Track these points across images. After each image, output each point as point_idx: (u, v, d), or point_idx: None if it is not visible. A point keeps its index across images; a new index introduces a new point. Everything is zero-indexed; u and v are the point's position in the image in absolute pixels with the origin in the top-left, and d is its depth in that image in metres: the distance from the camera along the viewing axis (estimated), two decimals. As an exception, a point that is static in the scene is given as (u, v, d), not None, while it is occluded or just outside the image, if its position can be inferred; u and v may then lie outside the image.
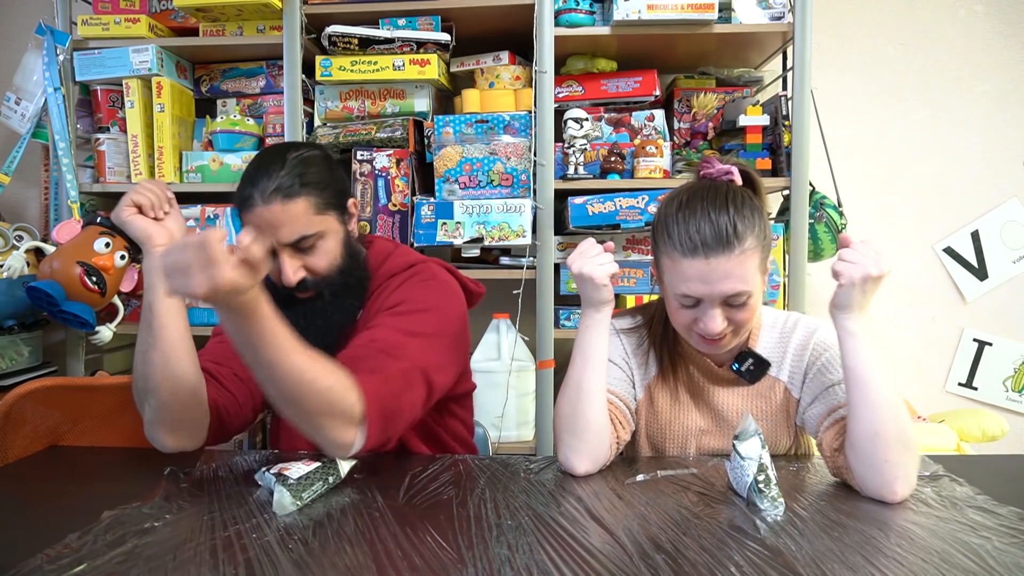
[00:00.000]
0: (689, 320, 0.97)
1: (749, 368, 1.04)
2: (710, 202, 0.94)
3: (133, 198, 0.98)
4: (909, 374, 2.08)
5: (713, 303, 0.93)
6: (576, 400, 0.98)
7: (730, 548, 0.73)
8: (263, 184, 0.99)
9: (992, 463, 1.08)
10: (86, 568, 0.69)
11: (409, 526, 0.79)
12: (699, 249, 0.91)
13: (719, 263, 0.91)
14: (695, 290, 0.93)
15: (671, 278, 0.96)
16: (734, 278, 0.91)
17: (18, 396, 1.08)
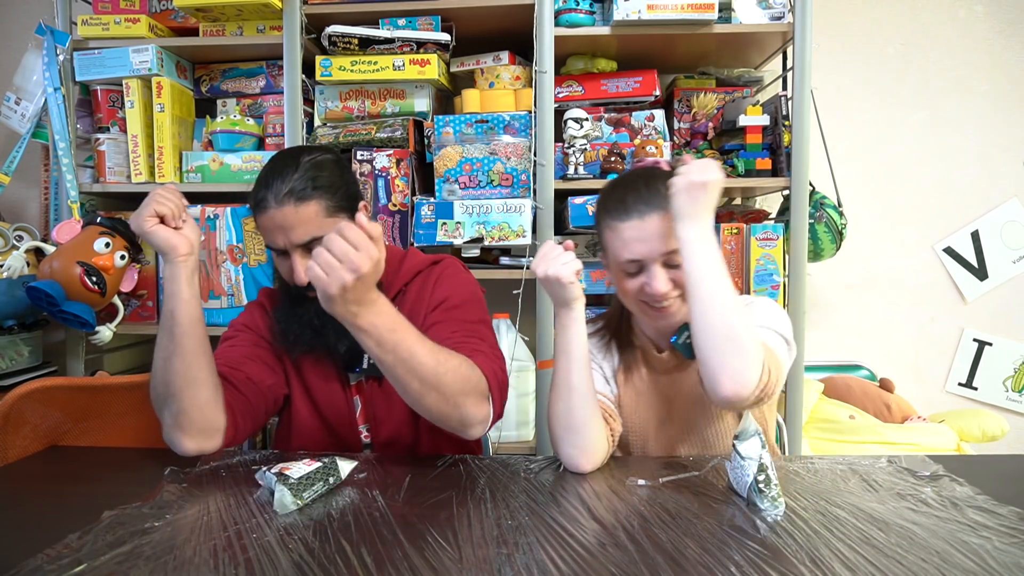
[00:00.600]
0: (636, 288, 1.03)
1: (686, 340, 1.04)
2: (640, 177, 1.04)
3: (156, 208, 0.99)
4: (909, 374, 2.08)
5: (654, 260, 1.00)
6: (568, 399, 1.01)
7: (730, 548, 0.73)
8: (276, 187, 1.02)
9: (992, 463, 1.08)
10: (86, 568, 0.69)
11: (409, 526, 0.79)
12: (632, 211, 1.00)
13: (653, 221, 0.99)
14: (635, 251, 1.00)
15: (612, 247, 1.03)
16: (669, 236, 0.98)
17: (18, 396, 1.08)
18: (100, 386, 1.24)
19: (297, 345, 1.12)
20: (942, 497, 0.88)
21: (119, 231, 1.72)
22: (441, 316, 1.10)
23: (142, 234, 0.99)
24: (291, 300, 1.11)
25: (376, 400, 1.15)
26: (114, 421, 1.26)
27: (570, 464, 1.00)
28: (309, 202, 1.02)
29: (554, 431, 1.02)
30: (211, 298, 1.80)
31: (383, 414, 1.14)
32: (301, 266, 1.03)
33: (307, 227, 1.02)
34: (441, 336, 1.02)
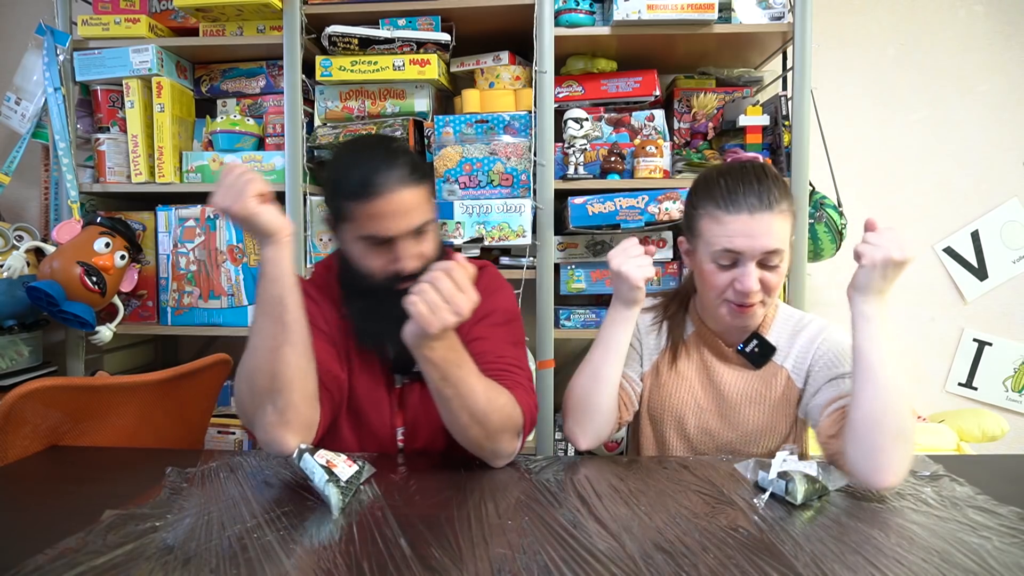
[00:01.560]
0: (725, 283, 1.02)
1: (754, 350, 1.08)
2: (750, 171, 1.02)
3: (259, 187, 0.91)
4: (909, 374, 2.08)
5: (753, 258, 0.99)
6: (591, 385, 1.06)
7: (730, 548, 0.73)
8: (387, 171, 0.97)
9: (992, 463, 1.08)
10: (86, 568, 0.69)
11: (410, 526, 0.79)
12: (743, 205, 0.98)
13: (763, 218, 0.98)
14: (738, 244, 0.98)
15: (712, 236, 1.01)
16: (774, 235, 0.98)
17: (18, 396, 1.08)
18: (100, 386, 1.24)
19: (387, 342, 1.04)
20: (942, 497, 0.88)
21: (119, 231, 1.72)
22: (487, 332, 1.09)
23: (247, 216, 0.90)
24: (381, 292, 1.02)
25: (418, 403, 1.12)
26: (114, 421, 1.26)
27: (569, 436, 1.08)
28: (422, 185, 1.01)
29: (568, 404, 1.08)
30: (211, 298, 1.80)
31: (423, 418, 1.11)
32: (410, 254, 1.00)
33: (421, 210, 1.00)
34: (486, 357, 1.02)
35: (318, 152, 1.79)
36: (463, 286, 0.87)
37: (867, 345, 0.91)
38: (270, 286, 0.92)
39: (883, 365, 0.90)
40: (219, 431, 1.83)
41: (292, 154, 1.74)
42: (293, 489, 0.91)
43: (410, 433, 1.13)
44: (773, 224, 0.98)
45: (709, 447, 1.12)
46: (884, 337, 0.91)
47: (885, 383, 0.89)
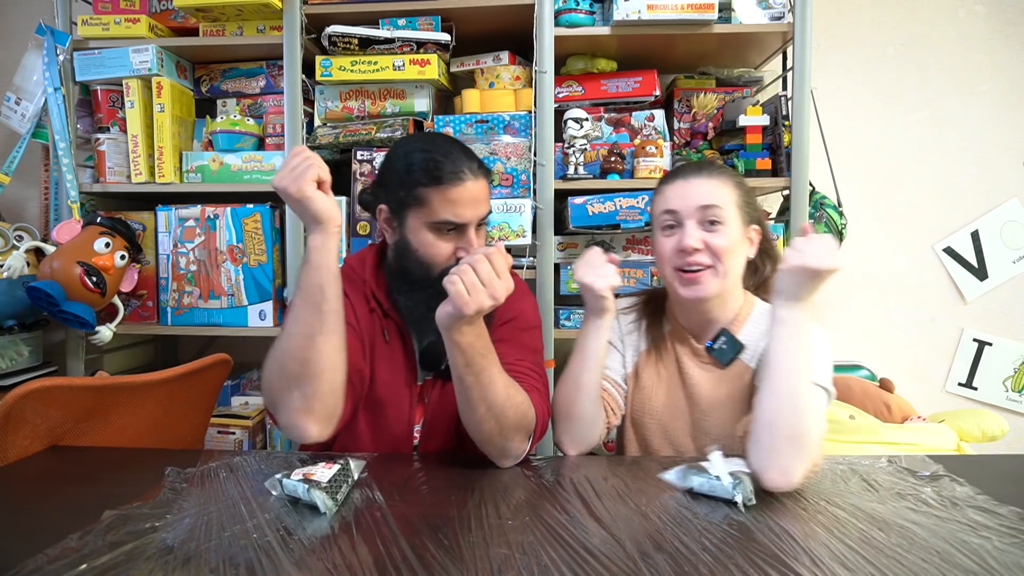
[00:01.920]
0: (670, 249, 1.06)
1: (721, 346, 1.09)
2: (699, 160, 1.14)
3: (319, 172, 0.92)
4: (909, 374, 2.08)
5: (690, 215, 1.04)
6: (573, 394, 1.08)
7: (730, 548, 0.73)
8: (467, 161, 1.04)
9: (992, 463, 1.08)
10: (86, 568, 0.69)
11: (409, 526, 0.79)
12: (679, 173, 1.09)
13: (697, 181, 1.06)
14: (673, 202, 1.06)
15: (656, 207, 1.10)
16: (709, 194, 1.04)
17: (18, 396, 1.08)
18: (100, 386, 1.24)
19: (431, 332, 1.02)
20: (942, 497, 0.88)
21: (119, 231, 1.72)
22: (510, 335, 1.12)
23: (302, 199, 0.90)
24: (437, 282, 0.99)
25: (437, 402, 1.13)
26: (114, 421, 1.26)
27: (558, 443, 1.11)
28: (488, 179, 1.09)
29: (554, 413, 1.11)
30: (211, 298, 1.80)
31: (441, 417, 1.12)
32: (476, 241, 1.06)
33: (488, 202, 1.08)
34: (507, 358, 1.03)
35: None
36: (501, 272, 0.90)
37: (775, 347, 0.92)
38: (313, 274, 0.92)
39: (784, 369, 0.90)
40: (219, 431, 1.83)
41: (292, 154, 1.74)
42: (293, 489, 0.91)
43: (427, 431, 1.13)
44: (708, 186, 1.04)
45: (690, 449, 1.12)
46: (794, 342, 0.91)
47: (783, 386, 0.90)
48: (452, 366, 0.94)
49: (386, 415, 1.11)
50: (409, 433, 1.12)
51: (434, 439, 1.13)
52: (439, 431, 1.13)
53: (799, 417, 0.88)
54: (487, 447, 1.00)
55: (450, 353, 0.93)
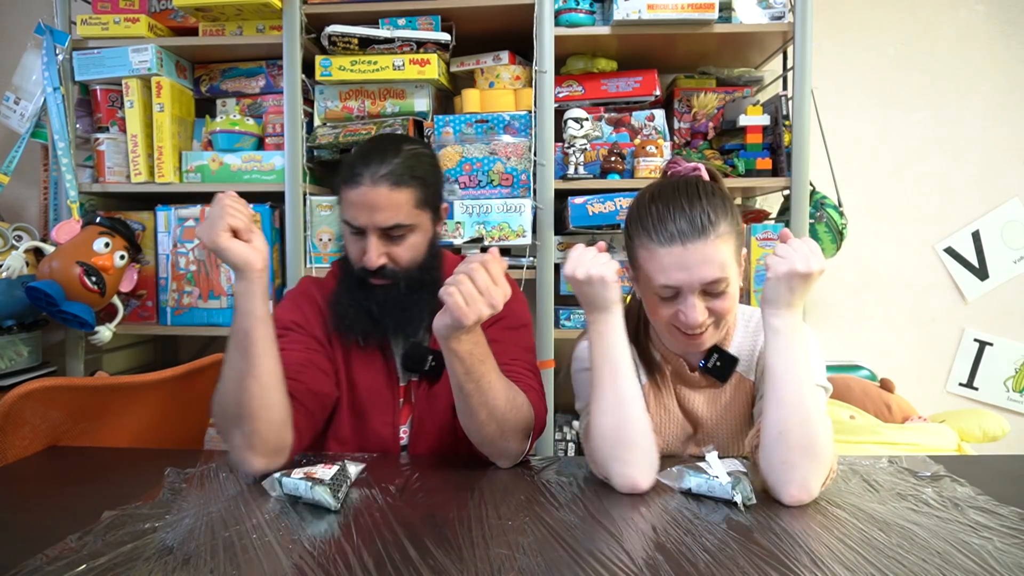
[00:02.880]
0: (669, 315, 0.96)
1: (715, 364, 1.03)
2: (682, 193, 0.95)
3: (229, 222, 0.92)
4: (909, 374, 2.08)
5: (693, 291, 0.93)
6: (619, 412, 0.92)
7: (731, 548, 0.73)
8: (375, 167, 1.02)
9: (993, 463, 1.07)
10: (86, 568, 0.68)
11: (409, 526, 0.79)
12: (676, 237, 0.92)
13: (696, 249, 0.91)
14: (674, 279, 0.93)
15: (649, 270, 0.95)
16: (712, 264, 0.92)
17: (18, 396, 1.08)
18: (100, 386, 1.24)
19: (352, 331, 1.10)
20: (943, 497, 0.88)
21: (119, 231, 1.72)
22: (502, 335, 1.10)
23: (216, 250, 0.91)
24: (354, 282, 1.09)
25: (424, 402, 1.13)
26: (114, 421, 1.26)
27: (626, 484, 0.91)
28: (403, 189, 1.03)
29: (601, 451, 0.93)
30: (211, 298, 1.80)
31: (428, 417, 1.13)
32: (375, 250, 1.04)
33: (394, 212, 1.03)
34: (502, 358, 1.02)
35: (318, 152, 1.79)
36: (498, 279, 0.88)
37: (774, 359, 0.90)
38: (240, 319, 0.93)
39: (787, 379, 0.88)
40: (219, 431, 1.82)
41: (292, 154, 1.74)
42: (293, 489, 0.91)
43: (416, 432, 1.13)
44: (710, 252, 0.91)
45: None
46: (791, 350, 0.89)
47: (789, 397, 0.87)
48: (451, 374, 0.94)
49: (370, 419, 1.12)
50: (395, 435, 1.12)
51: (424, 440, 1.13)
52: (428, 431, 1.13)
53: (808, 426, 0.86)
54: (487, 449, 1.00)
55: (449, 362, 0.93)
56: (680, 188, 0.97)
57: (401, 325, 1.09)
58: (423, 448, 1.13)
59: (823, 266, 0.89)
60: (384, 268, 1.05)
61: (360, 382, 1.12)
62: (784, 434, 0.86)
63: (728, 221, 0.94)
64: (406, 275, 1.07)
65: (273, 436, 0.94)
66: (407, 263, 1.07)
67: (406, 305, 1.08)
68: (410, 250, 1.07)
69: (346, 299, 1.09)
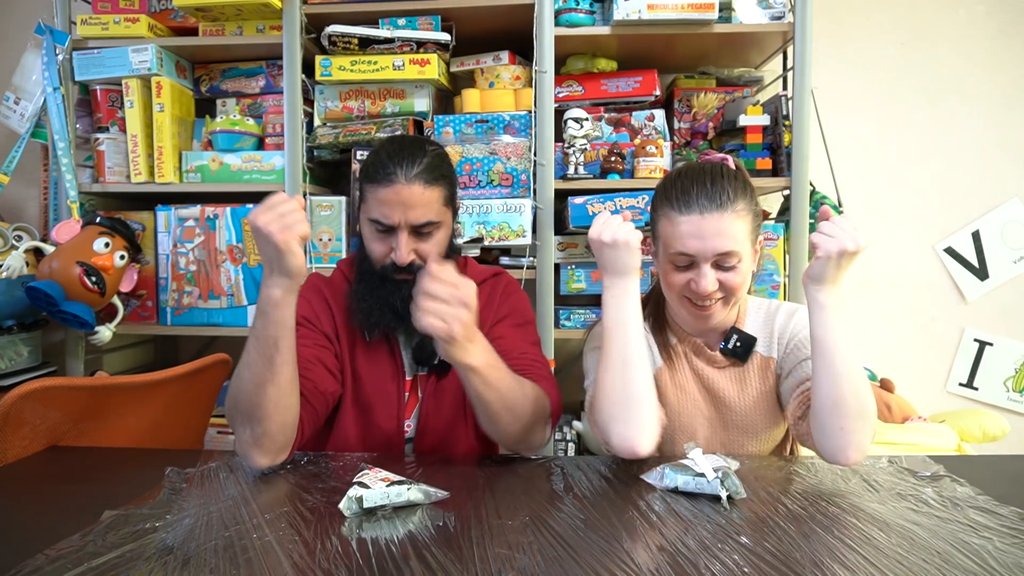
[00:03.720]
0: (682, 283, 1.03)
1: (736, 345, 1.08)
2: (707, 172, 1.02)
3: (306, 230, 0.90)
4: (909, 374, 2.08)
5: (706, 259, 0.99)
6: (624, 372, 0.97)
7: (731, 548, 0.73)
8: (408, 165, 1.04)
9: (993, 463, 1.08)
10: (86, 568, 0.68)
11: (409, 526, 0.79)
12: (694, 205, 0.99)
13: (712, 219, 0.98)
14: (689, 246, 0.99)
15: (667, 238, 1.02)
16: (726, 236, 0.98)
17: (18, 396, 1.08)
18: (100, 386, 1.24)
19: (377, 327, 1.11)
20: (943, 497, 0.88)
21: (119, 231, 1.72)
22: (507, 332, 1.13)
23: (283, 248, 0.87)
24: (377, 279, 1.09)
25: (432, 396, 1.14)
26: (114, 421, 1.26)
27: (624, 447, 0.95)
28: (435, 187, 1.05)
29: (604, 410, 0.97)
30: (211, 298, 1.80)
31: (435, 411, 1.14)
32: (406, 246, 1.05)
33: (427, 210, 1.05)
34: (510, 355, 1.04)
35: (318, 152, 1.79)
36: (455, 281, 0.87)
37: (822, 332, 0.94)
38: (271, 327, 0.91)
39: (838, 351, 0.93)
40: (219, 431, 1.83)
41: (292, 154, 1.74)
42: (293, 489, 0.91)
43: (422, 426, 1.14)
44: (725, 224, 0.98)
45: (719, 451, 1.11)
46: (839, 324, 0.94)
47: (841, 368, 0.92)
48: (470, 389, 0.95)
49: (375, 412, 1.13)
50: (399, 429, 1.13)
51: (429, 433, 1.14)
52: (435, 425, 1.14)
53: (861, 393, 0.92)
54: (513, 446, 1.03)
55: (466, 380, 0.94)
56: (706, 167, 1.04)
57: None
58: (428, 441, 1.14)
59: (869, 243, 0.94)
60: (412, 264, 1.07)
61: (365, 376, 1.13)
62: (839, 403, 0.91)
63: (746, 201, 1.00)
64: None
65: (282, 437, 0.96)
66: (433, 259, 1.08)
67: None
68: (436, 246, 1.09)
69: (369, 297, 1.10)
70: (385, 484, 0.84)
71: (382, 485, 0.84)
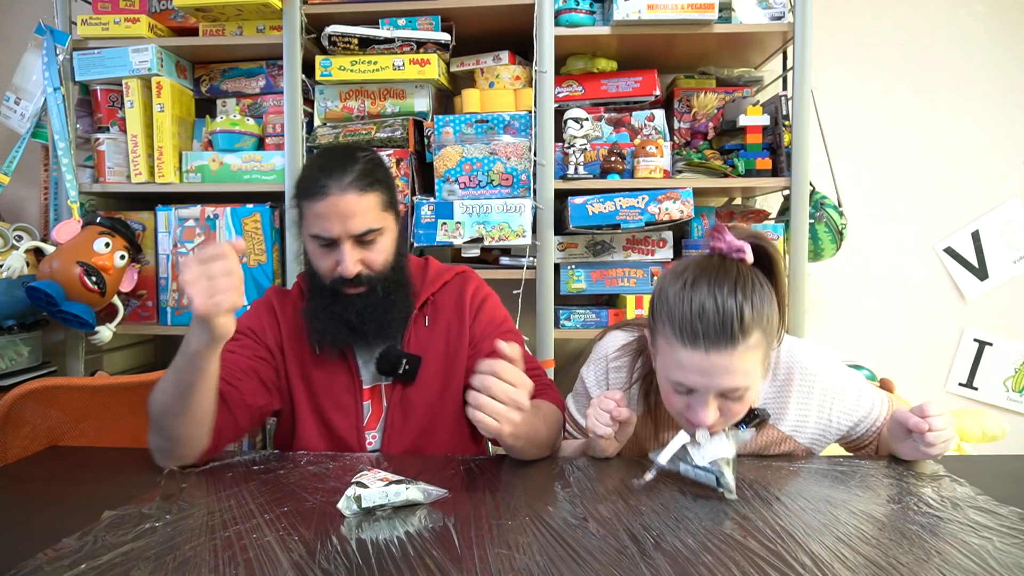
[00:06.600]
0: (681, 406, 0.93)
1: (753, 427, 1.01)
2: (717, 287, 0.87)
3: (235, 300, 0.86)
4: (909, 374, 2.08)
5: (708, 394, 0.89)
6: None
7: (731, 548, 0.73)
8: (339, 176, 1.03)
9: (993, 463, 1.08)
10: (86, 568, 0.68)
11: (409, 526, 0.79)
12: (700, 341, 0.86)
13: (720, 358, 0.86)
14: (691, 381, 0.89)
15: (666, 362, 0.92)
16: (734, 374, 0.87)
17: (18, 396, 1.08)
18: (100, 386, 1.24)
19: (334, 344, 1.10)
20: (942, 497, 0.88)
21: (119, 231, 1.72)
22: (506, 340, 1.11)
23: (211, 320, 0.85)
24: (328, 295, 1.08)
25: (399, 406, 1.13)
26: (114, 421, 1.26)
27: None
28: (370, 193, 1.04)
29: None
30: (211, 298, 1.80)
31: (403, 421, 1.13)
32: (351, 258, 1.04)
33: (365, 217, 1.04)
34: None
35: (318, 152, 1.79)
36: (517, 381, 0.87)
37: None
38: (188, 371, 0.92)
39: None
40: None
41: (292, 154, 1.74)
42: (292, 489, 0.91)
43: (389, 434, 1.13)
44: (734, 364, 0.86)
45: None
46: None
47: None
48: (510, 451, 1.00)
49: (333, 423, 1.12)
50: (359, 438, 1.12)
51: (397, 443, 1.13)
52: (403, 435, 1.13)
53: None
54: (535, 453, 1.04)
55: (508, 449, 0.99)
56: (716, 279, 0.88)
57: (381, 329, 1.09)
58: (396, 451, 1.13)
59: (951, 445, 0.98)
60: (359, 275, 1.06)
61: (319, 387, 1.13)
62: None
63: (763, 327, 0.87)
64: (381, 279, 1.08)
65: (188, 451, 0.98)
66: (381, 266, 1.08)
67: (385, 308, 1.09)
68: (382, 253, 1.08)
69: (323, 314, 1.09)
70: (384, 484, 0.84)
71: (380, 484, 0.84)
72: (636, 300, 1.72)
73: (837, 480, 0.95)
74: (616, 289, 1.75)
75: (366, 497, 0.82)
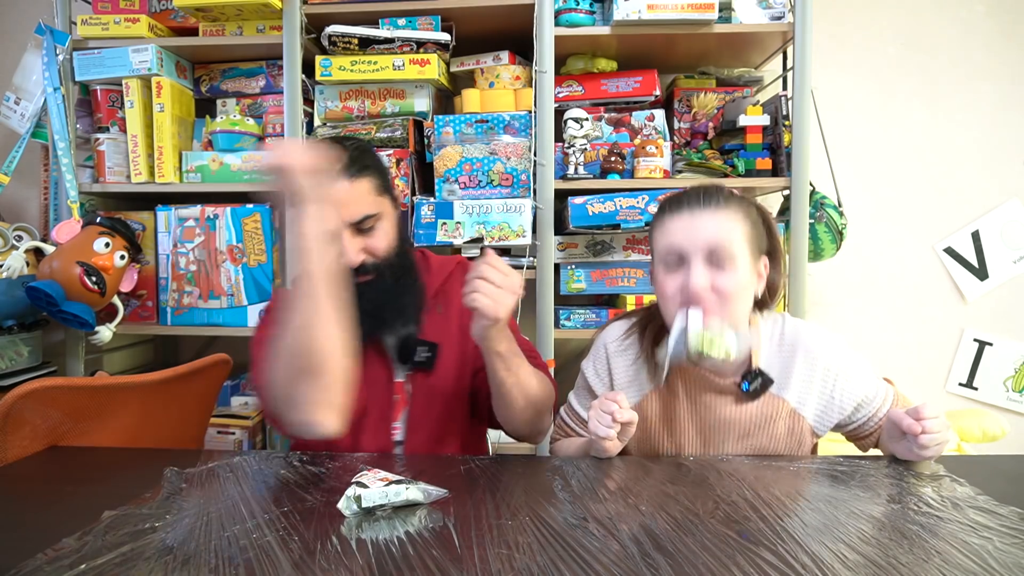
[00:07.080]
0: (675, 288, 0.98)
1: (756, 388, 1.03)
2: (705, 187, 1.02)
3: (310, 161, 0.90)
4: (909, 374, 2.08)
5: (696, 254, 0.96)
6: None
7: (731, 548, 0.73)
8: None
9: (993, 463, 1.08)
10: (86, 568, 0.68)
11: (409, 526, 0.79)
12: (684, 205, 0.99)
13: (702, 216, 0.97)
14: (679, 239, 0.98)
15: (658, 241, 1.02)
16: (717, 231, 0.96)
17: (18, 396, 1.08)
18: (100, 386, 1.24)
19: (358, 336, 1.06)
20: (943, 497, 0.88)
21: (119, 231, 1.72)
22: None
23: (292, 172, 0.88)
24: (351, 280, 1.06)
25: (421, 395, 1.13)
26: (114, 421, 1.26)
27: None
28: (361, 178, 1.04)
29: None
30: (211, 298, 1.80)
31: (425, 410, 1.13)
32: (352, 247, 1.03)
33: (360, 203, 1.04)
34: None
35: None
36: (507, 270, 0.95)
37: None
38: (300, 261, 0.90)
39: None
40: (219, 431, 1.83)
41: (292, 154, 1.74)
42: (293, 489, 0.91)
43: (412, 425, 1.13)
44: (716, 222, 0.97)
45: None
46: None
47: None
48: (493, 374, 1.01)
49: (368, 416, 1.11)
50: (388, 431, 1.12)
51: (419, 433, 1.13)
52: (424, 424, 1.13)
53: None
54: (523, 431, 1.07)
55: (491, 364, 0.99)
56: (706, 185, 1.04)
57: (399, 313, 1.10)
58: (418, 441, 1.13)
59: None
60: (364, 264, 1.05)
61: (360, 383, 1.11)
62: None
63: (743, 212, 0.99)
64: (388, 265, 1.08)
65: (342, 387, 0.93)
66: (384, 252, 1.07)
67: (398, 292, 1.09)
68: (384, 238, 1.07)
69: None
70: (384, 484, 0.84)
71: (380, 484, 0.84)
72: (636, 300, 1.72)
73: (837, 480, 0.95)
74: (616, 289, 1.75)
75: (366, 497, 0.82)
